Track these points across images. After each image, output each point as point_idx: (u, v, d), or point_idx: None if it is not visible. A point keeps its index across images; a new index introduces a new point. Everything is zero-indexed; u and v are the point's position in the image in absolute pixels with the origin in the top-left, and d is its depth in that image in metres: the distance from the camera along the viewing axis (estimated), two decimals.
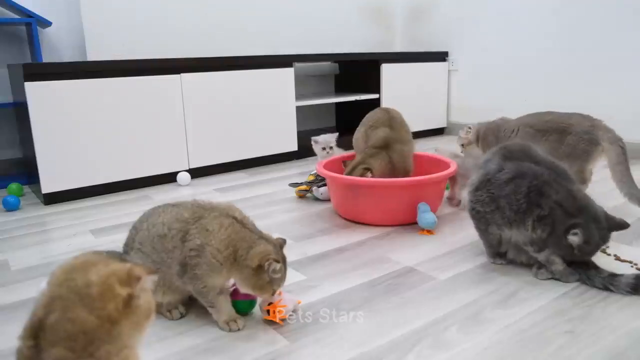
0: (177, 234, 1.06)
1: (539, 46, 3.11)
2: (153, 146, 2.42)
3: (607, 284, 1.21)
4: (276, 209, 1.99)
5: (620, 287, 1.20)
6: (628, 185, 1.72)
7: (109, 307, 0.62)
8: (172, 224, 1.07)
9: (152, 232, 1.08)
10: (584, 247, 1.19)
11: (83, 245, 1.66)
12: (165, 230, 1.07)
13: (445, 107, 3.76)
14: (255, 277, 1.03)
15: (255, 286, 1.04)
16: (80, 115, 2.19)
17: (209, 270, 1.04)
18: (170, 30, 2.95)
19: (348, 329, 1.08)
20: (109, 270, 0.65)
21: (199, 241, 1.04)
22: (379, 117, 1.95)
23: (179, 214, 1.08)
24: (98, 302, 0.62)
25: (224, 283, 1.09)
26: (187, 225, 1.06)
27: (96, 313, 0.61)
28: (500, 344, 1.01)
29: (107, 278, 0.64)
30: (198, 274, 1.04)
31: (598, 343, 1.00)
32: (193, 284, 1.06)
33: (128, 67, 2.30)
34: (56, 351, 0.60)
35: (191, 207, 1.09)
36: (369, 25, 3.88)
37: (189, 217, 1.07)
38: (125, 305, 0.63)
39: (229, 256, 1.04)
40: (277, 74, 2.81)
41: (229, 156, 2.69)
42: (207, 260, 1.03)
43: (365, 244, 1.58)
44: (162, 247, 1.07)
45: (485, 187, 1.33)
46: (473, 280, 1.30)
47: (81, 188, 2.25)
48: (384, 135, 1.86)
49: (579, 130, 1.82)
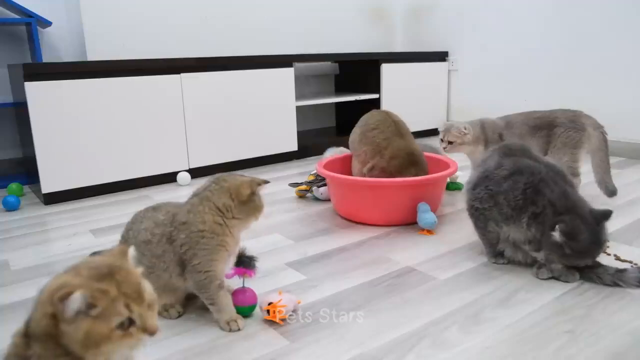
0: (161, 238, 1.07)
1: (538, 46, 3.10)
2: (153, 146, 2.41)
3: (616, 280, 1.23)
4: (276, 209, 1.98)
5: (630, 281, 1.22)
6: (602, 171, 1.89)
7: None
8: (153, 229, 1.08)
9: (138, 239, 1.09)
10: (572, 244, 1.17)
11: (83, 245, 1.66)
12: (148, 236, 1.08)
13: (445, 107, 3.76)
14: (250, 203, 1.09)
15: (255, 211, 1.10)
16: (80, 115, 2.19)
17: (208, 255, 1.05)
18: (170, 30, 2.95)
19: (348, 329, 1.08)
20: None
21: (183, 235, 1.05)
22: (378, 120, 1.91)
23: (156, 217, 1.10)
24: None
25: (225, 267, 1.09)
26: (166, 228, 1.07)
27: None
28: (500, 343, 1.01)
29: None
30: (197, 265, 1.05)
31: (598, 343, 1.00)
32: (194, 278, 1.06)
33: (128, 67, 2.30)
34: (36, 347, 0.64)
35: (165, 208, 1.12)
36: (369, 25, 3.88)
37: (165, 219, 1.09)
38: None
39: (218, 213, 1.07)
40: (277, 73, 2.81)
41: (229, 156, 2.69)
42: (203, 245, 1.04)
43: (365, 244, 1.58)
44: (150, 253, 1.08)
45: (484, 184, 1.33)
46: (473, 280, 1.30)
47: (81, 188, 2.25)
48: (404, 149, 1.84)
49: (564, 120, 1.93)
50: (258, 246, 1.58)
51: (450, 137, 1.96)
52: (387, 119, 1.91)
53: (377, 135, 1.87)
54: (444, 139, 1.98)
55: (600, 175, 1.90)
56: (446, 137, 1.97)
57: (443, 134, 1.99)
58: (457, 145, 1.95)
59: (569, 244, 1.17)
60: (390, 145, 1.84)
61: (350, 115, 3.58)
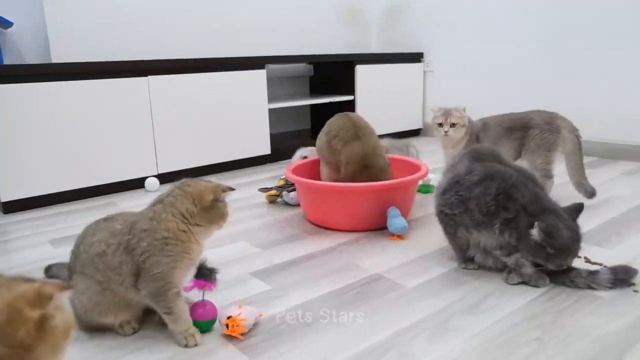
0: (118, 247, 1.02)
1: (514, 47, 3.11)
2: (120, 151, 2.34)
3: (589, 283, 1.22)
4: (245, 215, 1.93)
5: (602, 284, 1.21)
6: (578, 174, 1.89)
7: (20, 334, 0.56)
8: (108, 239, 1.03)
9: (90, 253, 1.03)
10: (553, 242, 1.14)
11: (40, 257, 1.58)
12: (103, 247, 1.02)
13: (420, 108, 3.75)
14: (213, 210, 1.06)
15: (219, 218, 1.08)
16: (44, 119, 2.11)
17: (171, 262, 1.01)
18: (138, 31, 2.87)
19: (312, 343, 1.04)
20: (14, 294, 0.59)
21: (145, 243, 1.01)
22: (339, 126, 1.85)
23: (112, 227, 1.05)
24: (6, 329, 0.56)
25: (185, 275, 1.06)
26: (123, 237, 1.02)
27: (6, 342, 0.55)
28: (468, 353, 0.98)
29: (14, 302, 0.58)
30: (157, 274, 1.00)
31: (567, 350, 0.98)
32: (149, 287, 1.01)
33: (94, 69, 2.22)
34: None
35: (121, 217, 1.07)
36: (344, 26, 3.85)
37: (123, 228, 1.04)
38: (38, 328, 0.57)
39: (183, 220, 1.04)
40: (249, 76, 2.76)
41: (200, 160, 2.63)
42: (167, 251, 1.01)
43: (334, 251, 1.54)
44: (105, 266, 1.02)
45: (454, 189, 1.31)
46: (443, 287, 1.27)
47: (43, 195, 2.17)
48: (360, 152, 1.79)
49: (539, 122, 1.92)
50: (222, 255, 1.53)
51: (454, 118, 1.87)
52: (347, 123, 1.86)
53: (337, 143, 1.83)
54: (444, 122, 1.89)
55: (576, 178, 1.89)
56: (449, 120, 1.88)
57: (444, 117, 1.89)
58: (460, 128, 1.89)
59: (549, 242, 1.15)
60: (346, 150, 1.80)
61: (325, 117, 3.49)
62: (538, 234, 1.15)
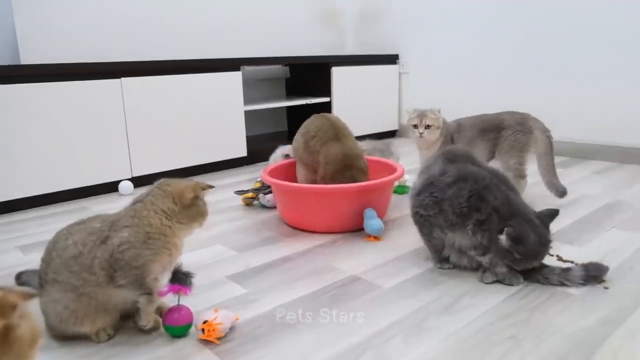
0: (95, 242, 1.01)
1: (488, 49, 3.16)
2: (92, 154, 2.29)
3: (562, 280, 1.24)
4: (221, 218, 1.91)
5: (575, 280, 1.23)
6: (550, 174, 1.91)
7: None
8: (85, 239, 1.02)
9: (64, 257, 1.01)
10: (519, 248, 1.17)
11: (9, 264, 1.54)
12: (79, 248, 1.01)
13: (396, 109, 3.77)
14: (194, 208, 1.08)
15: (199, 216, 1.10)
16: (13, 122, 2.05)
17: (151, 256, 1.02)
18: (110, 32, 2.82)
19: (289, 345, 1.03)
20: None
21: (125, 233, 1.01)
22: (317, 127, 1.86)
23: (89, 227, 1.04)
24: None
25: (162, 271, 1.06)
26: (103, 233, 1.02)
27: None
28: (443, 353, 0.99)
29: None
30: (136, 266, 1.00)
31: (540, 347, 0.99)
32: (129, 276, 1.00)
33: (65, 70, 2.17)
34: None
35: (99, 217, 1.07)
36: (320, 28, 3.85)
37: (102, 226, 1.03)
38: (2, 339, 0.55)
39: (165, 216, 1.05)
40: (224, 77, 2.73)
41: (175, 163, 2.60)
42: (149, 244, 1.01)
43: (310, 253, 1.54)
44: (80, 267, 1.00)
45: (428, 190, 1.32)
46: (419, 287, 1.28)
47: (13, 200, 2.11)
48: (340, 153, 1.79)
49: (512, 123, 1.94)
50: (198, 259, 1.51)
51: (429, 120, 1.89)
52: (325, 123, 1.86)
53: (316, 144, 1.83)
54: (419, 124, 1.90)
55: (547, 178, 1.92)
56: (424, 121, 1.89)
57: (419, 119, 1.90)
58: (434, 130, 1.90)
59: (516, 248, 1.18)
60: (325, 151, 1.80)
61: (302, 119, 3.48)
62: (505, 240, 1.18)
